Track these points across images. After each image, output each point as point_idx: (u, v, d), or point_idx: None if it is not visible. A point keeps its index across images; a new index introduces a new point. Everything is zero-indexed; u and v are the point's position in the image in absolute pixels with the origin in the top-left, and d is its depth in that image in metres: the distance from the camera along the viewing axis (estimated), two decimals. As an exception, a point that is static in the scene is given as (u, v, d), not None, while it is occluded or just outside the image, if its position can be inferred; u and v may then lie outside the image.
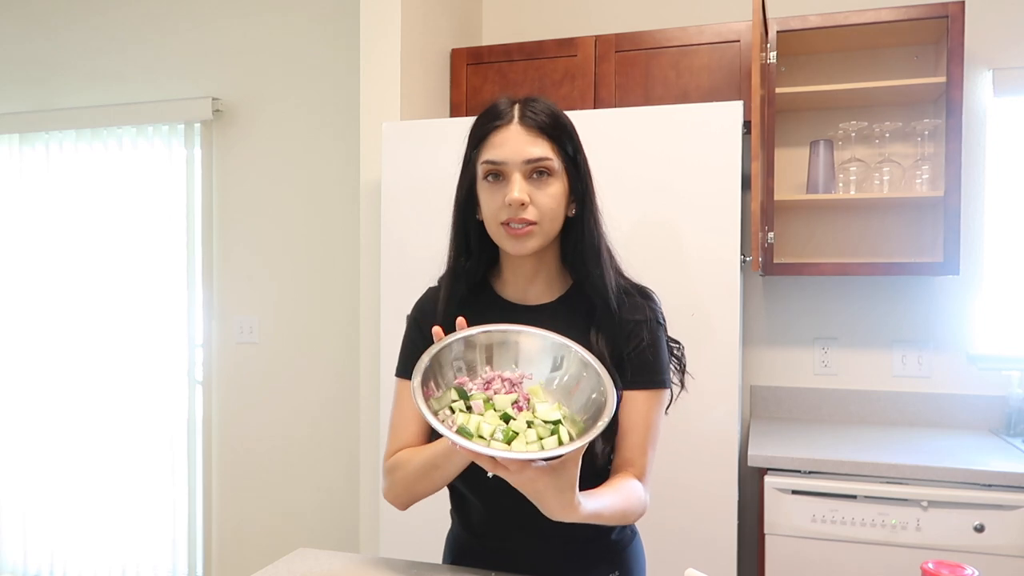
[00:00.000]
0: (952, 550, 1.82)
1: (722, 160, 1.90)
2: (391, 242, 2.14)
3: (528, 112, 1.09)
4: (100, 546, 3.26)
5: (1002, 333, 2.40)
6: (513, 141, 1.07)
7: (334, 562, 1.19)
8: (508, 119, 1.08)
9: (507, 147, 1.07)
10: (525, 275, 1.15)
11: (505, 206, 1.06)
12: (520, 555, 1.15)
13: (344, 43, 2.88)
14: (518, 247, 1.08)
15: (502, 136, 1.08)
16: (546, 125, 1.08)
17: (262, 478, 3.04)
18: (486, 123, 1.10)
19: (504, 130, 1.08)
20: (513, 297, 1.17)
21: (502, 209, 1.07)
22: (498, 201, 1.07)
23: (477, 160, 1.10)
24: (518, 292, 1.17)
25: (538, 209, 1.07)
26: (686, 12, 2.64)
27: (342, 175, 2.91)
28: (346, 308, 2.90)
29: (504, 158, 1.07)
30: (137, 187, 3.16)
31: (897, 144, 2.40)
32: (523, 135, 1.07)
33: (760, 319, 2.57)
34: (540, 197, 1.07)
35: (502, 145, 1.07)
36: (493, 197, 1.08)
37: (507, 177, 1.07)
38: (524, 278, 1.16)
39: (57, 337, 3.30)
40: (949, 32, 2.13)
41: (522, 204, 1.05)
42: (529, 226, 1.06)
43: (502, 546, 1.16)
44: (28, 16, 3.32)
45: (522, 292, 1.16)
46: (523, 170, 1.07)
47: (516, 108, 1.09)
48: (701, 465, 1.91)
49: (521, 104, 1.10)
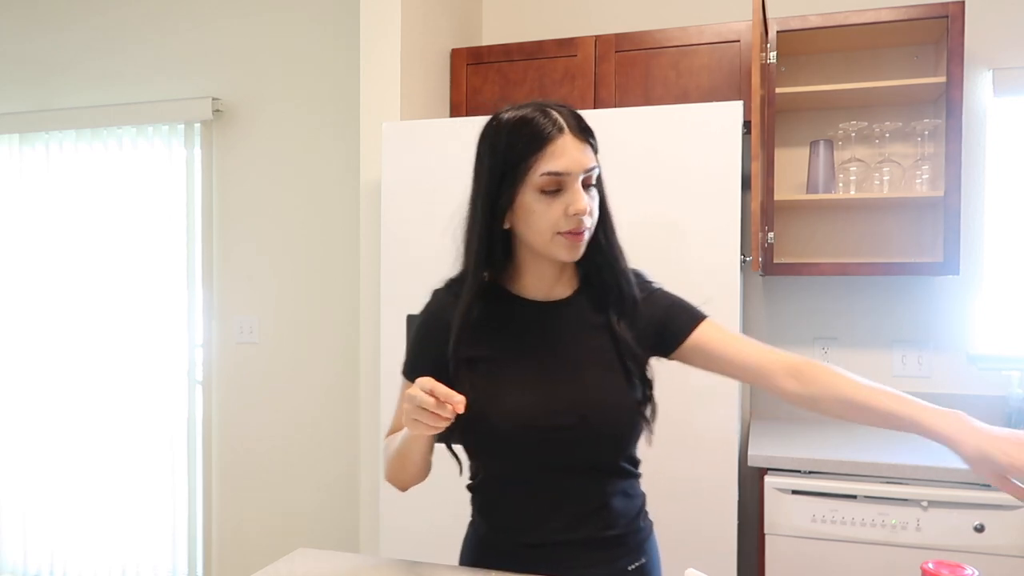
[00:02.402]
0: (952, 550, 1.82)
1: (722, 160, 1.90)
2: (391, 242, 2.14)
3: (572, 121, 1.08)
4: (100, 546, 3.26)
5: (1002, 333, 2.40)
6: (571, 152, 1.06)
7: (334, 562, 1.19)
8: (559, 129, 1.07)
9: (567, 158, 1.06)
10: (553, 275, 1.18)
11: (567, 216, 1.06)
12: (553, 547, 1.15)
13: (344, 43, 2.89)
14: (574, 253, 1.10)
15: (560, 146, 1.06)
16: (588, 132, 1.10)
17: (262, 478, 3.04)
18: (537, 135, 1.06)
19: (560, 141, 1.06)
20: (536, 296, 1.18)
21: (562, 219, 1.07)
22: (557, 211, 1.07)
23: (530, 171, 1.06)
24: (541, 291, 1.18)
25: (591, 216, 1.10)
26: (686, 12, 2.64)
27: (342, 175, 2.91)
28: (346, 308, 2.90)
29: (567, 168, 1.06)
30: (137, 187, 3.16)
31: (897, 144, 2.40)
32: (577, 144, 1.07)
33: (760, 319, 2.57)
34: (592, 205, 1.10)
35: (563, 156, 1.06)
36: (551, 208, 1.07)
37: (566, 187, 1.07)
38: (551, 278, 1.18)
39: (57, 337, 3.30)
40: (949, 32, 2.13)
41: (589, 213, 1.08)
42: (584, 232, 1.09)
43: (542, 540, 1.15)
44: (28, 16, 3.32)
45: (546, 291, 1.18)
46: (582, 180, 1.08)
47: (559, 117, 1.08)
48: (701, 465, 1.91)
49: (559, 113, 1.08)
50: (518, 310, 1.17)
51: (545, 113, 1.08)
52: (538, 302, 1.18)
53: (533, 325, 1.16)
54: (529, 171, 1.07)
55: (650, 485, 1.99)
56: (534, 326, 1.16)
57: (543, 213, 1.07)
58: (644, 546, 1.21)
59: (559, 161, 1.06)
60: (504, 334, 1.17)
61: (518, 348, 1.16)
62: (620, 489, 1.17)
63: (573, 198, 1.06)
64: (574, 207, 1.06)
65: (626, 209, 1.95)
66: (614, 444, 1.14)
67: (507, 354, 1.15)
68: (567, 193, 1.07)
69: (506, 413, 1.11)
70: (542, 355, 1.15)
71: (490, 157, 1.10)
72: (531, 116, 1.08)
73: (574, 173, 1.06)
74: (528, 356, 1.15)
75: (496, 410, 1.11)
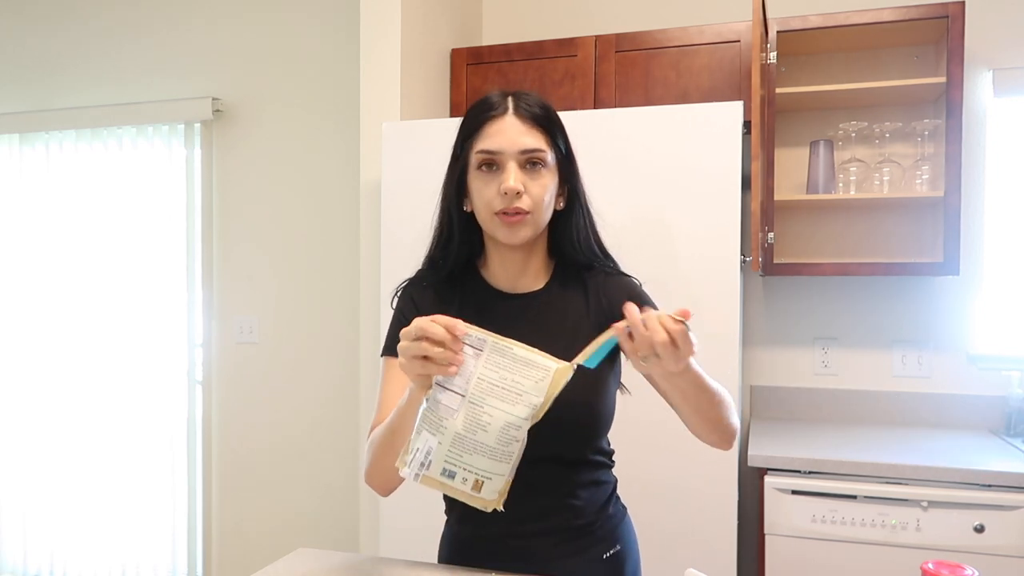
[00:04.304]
0: (952, 550, 1.82)
1: (722, 160, 1.90)
2: (391, 242, 2.14)
3: (522, 104, 1.10)
4: (100, 546, 3.26)
5: (1002, 333, 2.40)
6: (508, 131, 1.08)
7: (334, 562, 1.19)
8: (502, 109, 1.09)
9: (502, 137, 1.08)
10: (515, 264, 1.17)
11: (500, 195, 1.07)
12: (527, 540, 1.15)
13: (344, 43, 2.88)
14: (511, 236, 1.10)
15: (497, 126, 1.09)
16: (540, 117, 1.10)
17: (262, 478, 3.04)
18: (479, 113, 1.11)
19: (499, 120, 1.09)
20: (503, 286, 1.18)
21: (496, 198, 1.08)
22: (492, 190, 1.08)
23: (470, 150, 1.11)
24: (508, 281, 1.18)
25: (531, 199, 1.08)
26: (686, 12, 2.64)
27: (342, 175, 2.91)
28: (346, 308, 2.90)
29: (499, 147, 1.08)
30: (137, 187, 3.16)
31: (897, 144, 2.40)
32: (518, 125, 1.09)
33: (760, 319, 2.57)
34: (533, 187, 1.09)
35: (497, 135, 1.08)
36: (487, 186, 1.09)
37: (501, 167, 1.08)
38: (515, 268, 1.17)
39: (57, 337, 3.30)
40: (949, 32, 2.13)
41: (517, 193, 1.07)
42: (522, 215, 1.08)
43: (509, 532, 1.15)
44: (28, 16, 3.32)
45: (512, 281, 1.18)
46: (518, 160, 1.08)
47: (510, 99, 1.11)
48: (701, 465, 1.91)
49: (514, 96, 1.11)
50: (489, 299, 1.18)
51: (503, 96, 1.11)
52: (506, 293, 1.18)
53: (500, 317, 1.15)
54: (471, 149, 1.10)
55: (650, 485, 1.99)
56: (501, 318, 1.15)
57: (481, 191, 1.10)
58: (617, 532, 1.20)
59: (493, 140, 1.08)
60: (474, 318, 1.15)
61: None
62: (589, 479, 1.16)
63: (504, 176, 1.07)
64: (503, 185, 1.06)
65: (626, 209, 1.95)
66: (578, 439, 1.14)
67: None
68: (501, 172, 1.08)
69: None
70: None
71: (456, 138, 1.15)
72: (483, 98, 1.12)
73: (507, 152, 1.08)
74: None
75: None
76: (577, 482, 1.15)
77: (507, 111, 1.09)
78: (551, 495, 1.13)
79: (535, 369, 0.95)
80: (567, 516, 1.14)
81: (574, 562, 1.15)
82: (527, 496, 1.12)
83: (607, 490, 1.20)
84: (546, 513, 1.14)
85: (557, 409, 1.09)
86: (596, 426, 1.14)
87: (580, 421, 1.11)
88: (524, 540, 1.15)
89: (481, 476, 0.97)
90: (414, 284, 1.22)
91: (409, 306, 1.20)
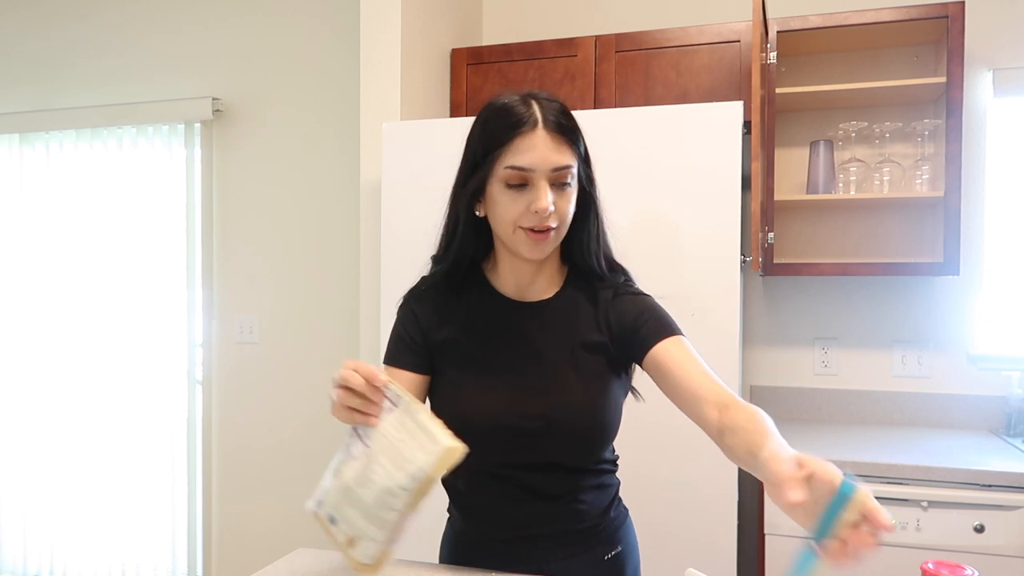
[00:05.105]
0: (952, 550, 1.82)
1: (722, 160, 1.90)
2: (391, 242, 2.14)
3: (550, 116, 1.05)
4: (100, 546, 3.26)
5: (1002, 333, 2.40)
6: (541, 148, 1.03)
7: (334, 562, 1.18)
8: (532, 123, 1.04)
9: (534, 154, 1.03)
10: (527, 274, 1.15)
11: (529, 212, 1.04)
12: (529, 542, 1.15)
13: (344, 43, 2.88)
14: (536, 252, 1.07)
15: (528, 142, 1.03)
16: (567, 129, 1.06)
17: (262, 478, 3.04)
18: (508, 127, 1.04)
19: (530, 135, 1.03)
20: (512, 293, 1.17)
21: (526, 215, 1.05)
22: (520, 207, 1.05)
23: (496, 162, 1.05)
24: (518, 289, 1.16)
25: (559, 216, 1.06)
26: (686, 12, 2.64)
27: (342, 175, 2.91)
28: (346, 308, 2.90)
29: (532, 165, 1.03)
30: (137, 187, 3.16)
31: (897, 144, 2.40)
32: (548, 141, 1.04)
33: (760, 319, 2.57)
34: (562, 204, 1.06)
35: (529, 152, 1.03)
36: (514, 202, 1.05)
37: (532, 184, 1.04)
38: (526, 276, 1.15)
39: (57, 337, 3.30)
40: (949, 32, 2.13)
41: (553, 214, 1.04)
42: (549, 231, 1.06)
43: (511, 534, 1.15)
44: (28, 16, 3.32)
45: (523, 289, 1.16)
46: (549, 177, 1.04)
47: (536, 109, 1.05)
48: (701, 465, 1.91)
49: (541, 106, 1.05)
50: (497, 308, 1.16)
51: (527, 104, 1.06)
52: (515, 301, 1.16)
53: (508, 324, 1.15)
54: (496, 162, 1.05)
55: (650, 485, 1.99)
56: (509, 325, 1.15)
57: (507, 205, 1.06)
58: (618, 534, 1.20)
59: (525, 156, 1.03)
60: (480, 326, 1.16)
61: (492, 344, 1.15)
62: (593, 483, 1.16)
63: (536, 195, 1.04)
64: (536, 204, 1.03)
65: (626, 209, 1.95)
66: (582, 449, 1.13)
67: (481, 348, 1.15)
68: (532, 189, 1.04)
69: (474, 409, 1.10)
70: (512, 356, 1.13)
71: (471, 141, 1.10)
72: (512, 105, 1.06)
73: (540, 170, 1.03)
74: (500, 355, 1.14)
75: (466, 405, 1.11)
76: (581, 487, 1.14)
77: (537, 125, 1.04)
78: (555, 500, 1.13)
79: (430, 441, 0.90)
80: (570, 520, 1.14)
81: (575, 563, 1.15)
82: (530, 500, 1.12)
83: (611, 493, 1.20)
84: (550, 517, 1.13)
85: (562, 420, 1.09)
86: (601, 437, 1.13)
87: (585, 432, 1.11)
88: (526, 542, 1.15)
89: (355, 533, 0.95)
90: (414, 295, 1.21)
91: (409, 318, 1.19)
